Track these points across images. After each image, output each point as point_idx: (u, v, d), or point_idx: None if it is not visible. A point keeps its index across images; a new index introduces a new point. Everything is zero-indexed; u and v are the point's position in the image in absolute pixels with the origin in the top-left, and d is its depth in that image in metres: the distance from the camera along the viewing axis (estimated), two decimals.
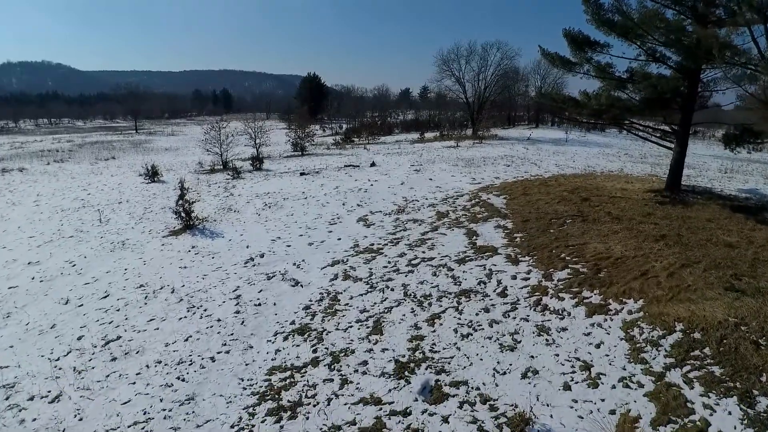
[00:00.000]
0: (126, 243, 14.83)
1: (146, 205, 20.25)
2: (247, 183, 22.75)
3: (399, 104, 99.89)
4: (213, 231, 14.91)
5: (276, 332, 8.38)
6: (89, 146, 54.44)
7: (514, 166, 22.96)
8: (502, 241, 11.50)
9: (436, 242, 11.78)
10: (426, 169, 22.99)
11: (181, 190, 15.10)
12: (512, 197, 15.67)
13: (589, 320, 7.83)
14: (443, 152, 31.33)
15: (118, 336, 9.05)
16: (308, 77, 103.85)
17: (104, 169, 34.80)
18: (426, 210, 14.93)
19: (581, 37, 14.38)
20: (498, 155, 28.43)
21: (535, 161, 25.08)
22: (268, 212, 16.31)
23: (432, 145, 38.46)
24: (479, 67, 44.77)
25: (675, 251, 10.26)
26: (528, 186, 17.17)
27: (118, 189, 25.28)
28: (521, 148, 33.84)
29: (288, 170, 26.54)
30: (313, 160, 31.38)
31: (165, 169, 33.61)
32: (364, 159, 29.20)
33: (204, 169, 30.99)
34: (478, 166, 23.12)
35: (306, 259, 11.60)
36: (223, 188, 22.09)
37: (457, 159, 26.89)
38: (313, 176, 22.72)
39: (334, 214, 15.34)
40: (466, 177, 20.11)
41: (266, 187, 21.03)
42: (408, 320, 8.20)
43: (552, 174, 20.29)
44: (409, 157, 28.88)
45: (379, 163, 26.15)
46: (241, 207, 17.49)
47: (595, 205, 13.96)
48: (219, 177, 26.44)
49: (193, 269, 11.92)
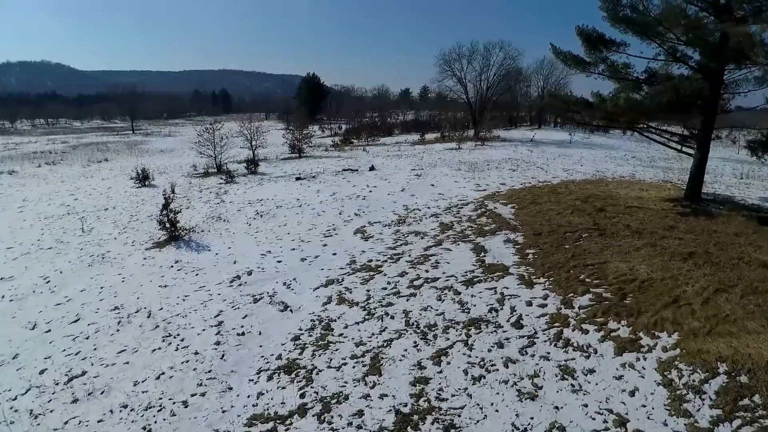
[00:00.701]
0: (106, 256, 13.78)
1: (133, 212, 19.21)
2: (240, 188, 21.70)
3: (399, 104, 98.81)
4: (199, 243, 13.86)
5: (260, 369, 7.35)
6: (83, 148, 53.43)
7: (519, 171, 21.92)
8: (513, 259, 10.46)
9: (441, 259, 10.74)
10: (427, 173, 21.94)
11: (166, 199, 14.06)
12: (521, 206, 14.63)
13: (619, 359, 6.79)
14: (445, 155, 30.29)
15: (83, 371, 8.01)
16: (307, 77, 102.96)
17: (96, 172, 33.81)
18: (428, 221, 13.88)
19: (596, 35, 13.36)
20: (502, 158, 27.38)
21: (541, 165, 24.04)
22: (260, 222, 15.27)
23: (433, 147, 37.42)
24: (481, 67, 43.81)
25: (706, 272, 9.24)
26: (537, 194, 16.13)
27: (107, 194, 24.26)
28: (525, 150, 32.82)
29: (284, 174, 25.50)
30: (311, 163, 30.35)
31: (158, 172, 32.63)
32: (363, 162, 28.16)
33: (197, 173, 29.95)
34: (482, 171, 22.07)
35: (298, 278, 10.56)
36: (215, 194, 21.05)
37: (460, 162, 25.85)
38: (309, 181, 21.67)
39: (330, 224, 14.29)
40: (470, 183, 19.06)
41: (260, 193, 19.99)
42: (410, 357, 7.16)
43: (561, 180, 19.26)
44: (409, 160, 27.84)
45: (379, 167, 25.11)
46: (231, 216, 16.44)
47: (611, 217, 12.93)
48: (212, 181, 25.40)
49: (174, 288, 10.87)
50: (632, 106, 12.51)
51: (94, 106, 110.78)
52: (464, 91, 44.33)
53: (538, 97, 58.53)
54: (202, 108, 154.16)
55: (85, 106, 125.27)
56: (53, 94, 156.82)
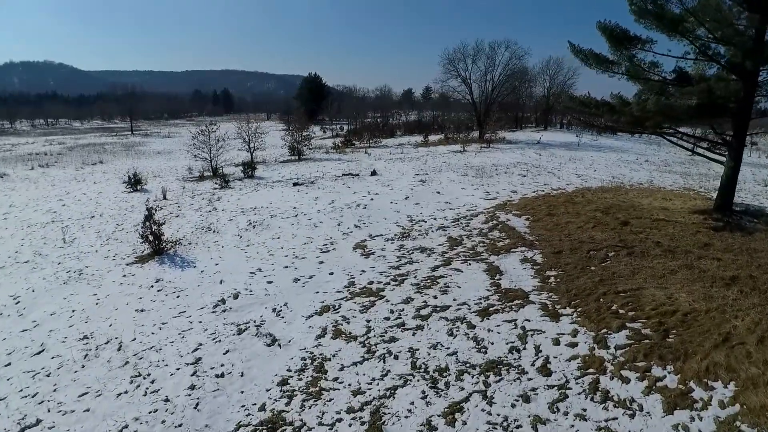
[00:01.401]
0: (84, 273, 12.65)
1: (120, 220, 18.10)
2: (235, 194, 20.56)
3: (401, 105, 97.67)
4: (185, 258, 12.71)
5: (239, 424, 6.18)
6: (80, 149, 52.47)
7: (530, 177, 20.71)
8: (532, 282, 9.27)
9: (451, 282, 9.55)
10: (432, 179, 20.75)
11: (149, 210, 12.91)
12: (536, 218, 13.43)
13: (670, 419, 5.60)
14: (450, 158, 29.09)
15: (37, 420, 6.86)
16: (309, 77, 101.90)
17: (88, 175, 32.74)
18: (435, 234, 12.70)
19: (619, 31, 12.14)
20: (510, 162, 26.18)
21: (552, 170, 22.83)
22: (252, 234, 14.11)
23: (437, 150, 36.24)
24: (486, 67, 42.59)
25: (754, 302, 8.04)
26: (552, 203, 14.93)
27: (96, 200, 23.19)
28: (533, 153, 31.62)
29: (282, 178, 24.36)
30: (310, 166, 29.20)
31: (152, 175, 31.57)
32: (364, 166, 26.99)
33: (192, 176, 28.84)
34: (491, 177, 20.87)
35: (289, 303, 9.39)
36: (207, 200, 19.91)
37: (466, 167, 24.66)
38: (307, 187, 20.51)
39: (328, 237, 13.12)
40: (479, 190, 17.86)
41: (254, 200, 18.83)
42: (418, 413, 5.98)
43: (576, 187, 18.05)
44: (413, 164, 26.66)
45: (381, 172, 23.94)
46: (222, 226, 15.29)
47: (638, 232, 11.72)
48: (206, 186, 24.29)
49: (151, 313, 9.72)
50: (663, 110, 11.30)
51: (94, 107, 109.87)
52: (469, 91, 43.18)
53: (544, 98, 57.35)
54: (203, 108, 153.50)
55: (86, 107, 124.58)
56: (54, 94, 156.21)
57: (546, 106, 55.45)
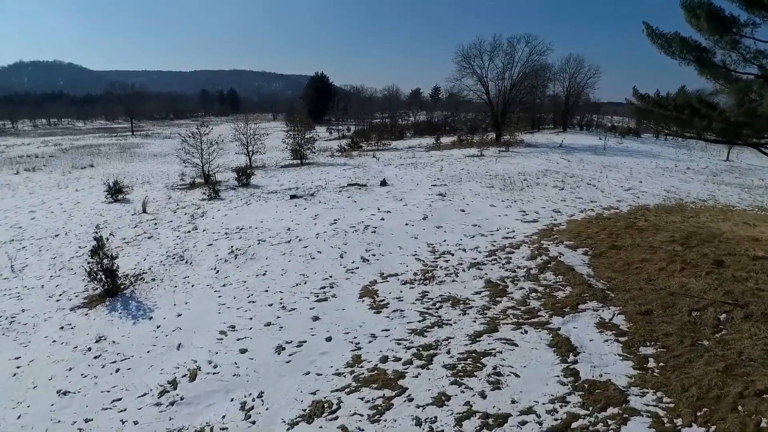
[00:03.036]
0: (16, 320, 9.84)
1: (85, 240, 15.29)
2: (223, 208, 17.71)
3: (410, 105, 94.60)
4: (142, 304, 9.85)
5: None
6: (74, 151, 50.13)
7: (569, 190, 17.63)
8: (624, 369, 6.25)
9: (502, 365, 6.55)
10: (453, 191, 17.73)
11: (98, 242, 10.03)
12: (597, 252, 10.38)
13: None
14: (468, 164, 26.05)
15: None
16: (315, 77, 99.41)
17: (73, 181, 30.15)
18: (468, 275, 9.70)
19: (714, 10, 9.05)
20: (538, 170, 23.11)
21: (591, 181, 19.71)
22: (232, 267, 11.21)
23: (451, 154, 33.21)
24: (504, 63, 39.36)
25: None
26: (610, 229, 11.86)
27: (71, 212, 20.55)
28: (559, 158, 28.50)
29: (279, 188, 21.50)
30: (312, 172, 26.32)
31: (141, 181, 28.94)
32: (372, 173, 24.06)
33: (183, 184, 26.10)
34: (522, 189, 17.81)
35: (266, 392, 6.47)
36: (190, 216, 17.09)
37: (489, 176, 21.63)
38: (306, 201, 17.60)
39: (326, 276, 10.17)
40: (512, 209, 14.82)
41: (243, 217, 15.96)
42: None
43: (629, 205, 14.97)
44: (427, 171, 23.67)
45: (392, 181, 20.98)
46: (197, 254, 12.43)
47: (742, 278, 8.64)
48: (194, 196, 21.51)
49: (74, 400, 6.85)
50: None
51: (98, 107, 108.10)
52: (485, 90, 39.95)
53: (562, 97, 54.00)
54: (209, 108, 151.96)
55: (89, 106, 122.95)
56: (60, 93, 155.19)
57: (565, 106, 52.11)
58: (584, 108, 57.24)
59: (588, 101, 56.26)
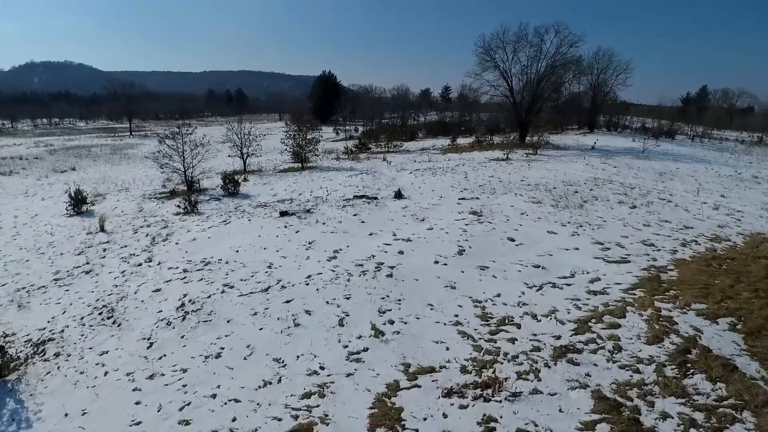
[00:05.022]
0: None
1: (12, 274, 11.61)
2: (194, 228, 13.85)
3: (419, 105, 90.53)
4: (23, 405, 6.00)
5: None
6: (63, 152, 46.81)
7: (643, 209, 13.49)
8: None
9: None
10: (490, 208, 13.69)
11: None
12: (753, 327, 6.30)
13: None
14: (496, 170, 21.97)
15: None
16: (323, 76, 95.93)
17: (45, 188, 26.59)
18: (557, 378, 5.64)
19: None
20: (584, 178, 18.99)
21: (662, 195, 15.55)
22: (174, 337, 7.30)
23: (472, 157, 29.11)
24: (529, 56, 35.15)
25: None
26: (751, 280, 7.77)
27: (21, 228, 17.06)
28: (599, 163, 24.36)
29: (272, 198, 17.65)
30: (314, 178, 22.40)
31: (119, 188, 25.31)
32: (384, 181, 20.09)
33: (163, 192, 22.37)
34: (581, 207, 13.70)
35: None
36: (151, 238, 13.27)
37: (527, 185, 17.56)
38: (300, 219, 13.65)
39: (316, 367, 6.19)
40: (582, 238, 10.72)
41: (215, 243, 12.07)
42: None
43: (741, 233, 10.84)
44: (449, 179, 19.63)
45: (408, 191, 17.02)
46: (134, 309, 8.54)
47: None
48: (168, 208, 17.74)
49: None
50: None
51: (102, 107, 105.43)
52: (508, 86, 35.76)
53: (587, 95, 49.60)
54: (216, 108, 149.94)
55: (95, 106, 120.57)
56: (65, 93, 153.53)
57: (592, 105, 47.66)
58: (613, 108, 52.64)
59: (616, 100, 51.64)
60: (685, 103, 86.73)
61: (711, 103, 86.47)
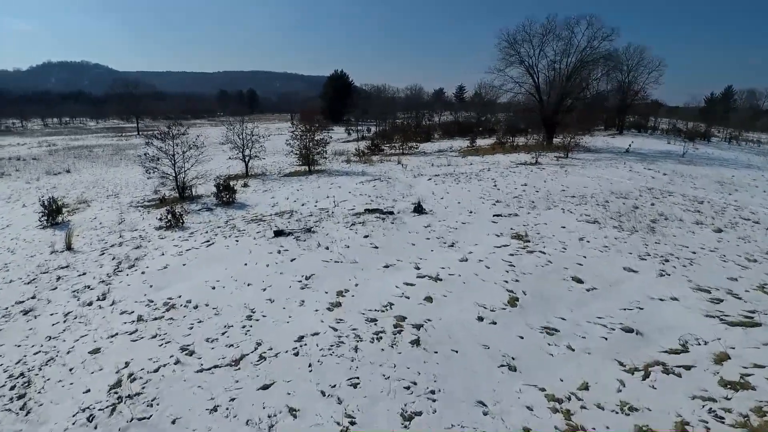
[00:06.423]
0: None
1: None
2: (171, 250, 11.36)
3: (433, 105, 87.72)
4: None
5: None
6: (64, 152, 45.11)
7: (735, 236, 10.58)
8: None
9: None
10: (536, 230, 10.93)
11: None
12: None
13: None
14: (529, 177, 19.14)
15: None
16: (334, 75, 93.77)
17: (31, 192, 24.57)
18: None
19: None
20: (634, 188, 16.13)
21: (745, 214, 12.63)
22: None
23: (497, 161, 26.30)
24: (556, 50, 32.19)
25: None
26: None
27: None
28: (642, 169, 21.40)
29: (270, 209, 15.14)
30: (320, 185, 19.83)
31: (109, 193, 23.10)
32: (399, 189, 17.45)
33: (153, 200, 20.05)
34: (651, 230, 10.85)
35: None
36: (117, 263, 10.81)
37: (570, 195, 14.75)
38: (297, 243, 11.04)
39: None
40: (676, 280, 7.89)
41: (190, 272, 9.54)
42: None
43: None
44: (476, 188, 16.90)
45: (429, 203, 14.35)
46: (54, 385, 6.03)
47: None
48: (151, 220, 15.36)
49: None
50: None
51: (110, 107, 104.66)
52: (534, 83, 32.80)
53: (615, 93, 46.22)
54: (228, 107, 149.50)
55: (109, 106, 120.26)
56: (79, 93, 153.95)
57: (622, 104, 44.33)
58: (642, 108, 49.19)
59: (646, 99, 48.11)
60: (709, 103, 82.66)
61: (738, 104, 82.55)
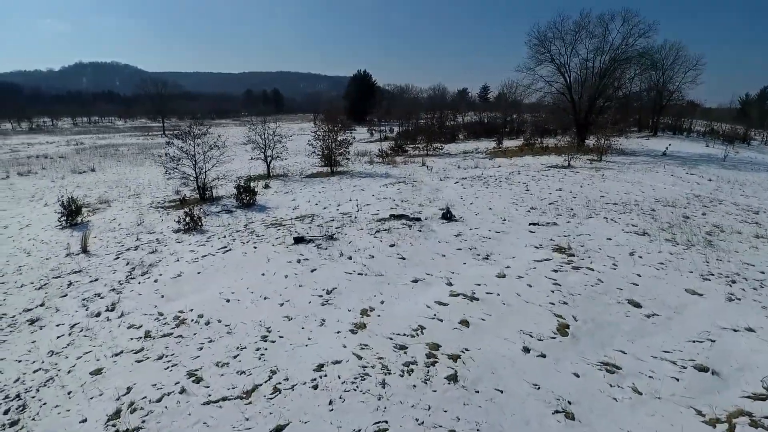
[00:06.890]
0: None
1: None
2: (186, 255, 10.82)
3: (457, 105, 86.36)
4: None
5: None
6: (91, 151, 45.90)
7: None
8: None
9: None
10: (579, 241, 9.94)
11: None
12: None
13: None
14: (564, 181, 18.02)
15: None
16: (357, 75, 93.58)
17: (55, 191, 24.64)
18: None
19: None
20: (681, 195, 14.88)
21: None
22: None
23: (526, 163, 25.15)
24: (589, 48, 30.72)
25: None
26: None
27: (1, 243, 14.74)
28: (685, 174, 19.99)
29: (291, 213, 14.52)
30: (342, 187, 19.16)
31: (131, 193, 22.98)
32: (425, 193, 16.61)
33: (173, 200, 19.76)
34: (708, 243, 9.69)
35: None
36: (131, 269, 10.33)
37: (612, 203, 13.63)
38: (318, 252, 10.33)
39: None
40: (749, 307, 6.79)
41: (205, 282, 8.94)
42: None
43: None
44: (508, 193, 15.92)
45: (459, 210, 13.46)
46: (49, 412, 5.44)
47: None
48: (170, 222, 14.96)
49: None
50: None
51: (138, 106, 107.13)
52: (566, 82, 31.40)
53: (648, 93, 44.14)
54: (253, 107, 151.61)
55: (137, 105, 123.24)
56: (109, 93, 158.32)
57: (657, 104, 42.29)
58: (678, 109, 46.88)
59: (682, 100, 45.80)
60: (743, 104, 78.76)
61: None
